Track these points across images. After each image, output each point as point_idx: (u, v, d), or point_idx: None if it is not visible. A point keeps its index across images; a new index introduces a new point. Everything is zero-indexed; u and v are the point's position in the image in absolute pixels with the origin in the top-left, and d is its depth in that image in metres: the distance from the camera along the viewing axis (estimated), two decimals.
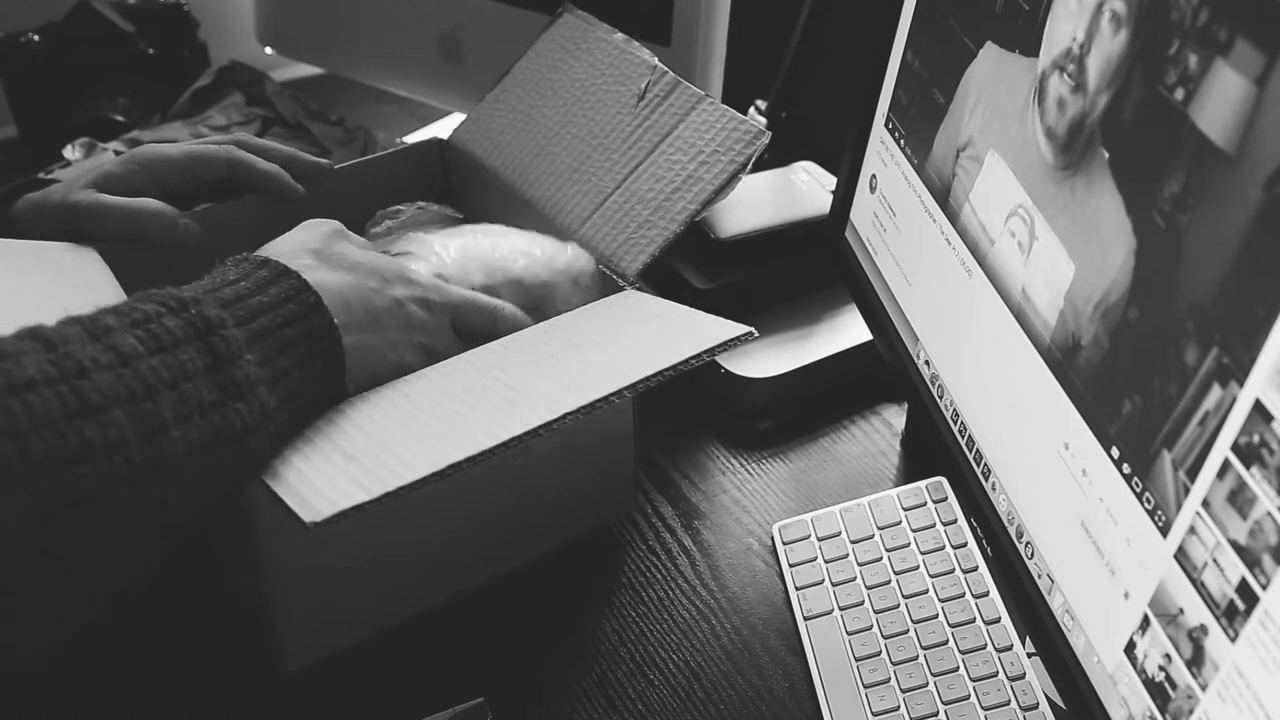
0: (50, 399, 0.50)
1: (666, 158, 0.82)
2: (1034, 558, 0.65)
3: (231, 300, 0.60)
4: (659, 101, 0.84)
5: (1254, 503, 0.47)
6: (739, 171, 0.80)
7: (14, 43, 1.15)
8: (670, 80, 0.85)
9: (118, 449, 0.51)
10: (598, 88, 0.88)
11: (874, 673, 0.73)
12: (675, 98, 0.84)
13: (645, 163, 0.83)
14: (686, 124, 0.82)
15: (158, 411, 0.53)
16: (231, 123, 1.08)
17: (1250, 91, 0.47)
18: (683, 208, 0.79)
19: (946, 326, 0.75)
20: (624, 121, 0.85)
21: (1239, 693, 0.48)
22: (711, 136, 0.81)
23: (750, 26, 1.02)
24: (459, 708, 0.71)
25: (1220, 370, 0.49)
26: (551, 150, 0.87)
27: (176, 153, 0.80)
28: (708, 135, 0.81)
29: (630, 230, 0.80)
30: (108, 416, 0.51)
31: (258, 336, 0.60)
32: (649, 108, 0.85)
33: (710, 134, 0.81)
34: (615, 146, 0.85)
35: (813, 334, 0.97)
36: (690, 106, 0.83)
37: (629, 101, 0.85)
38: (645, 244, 0.79)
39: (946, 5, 0.74)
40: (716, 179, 0.79)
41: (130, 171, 0.78)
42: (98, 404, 0.51)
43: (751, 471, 0.90)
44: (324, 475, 0.59)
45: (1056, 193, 0.61)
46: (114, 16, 1.17)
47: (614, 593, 0.80)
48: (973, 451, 0.72)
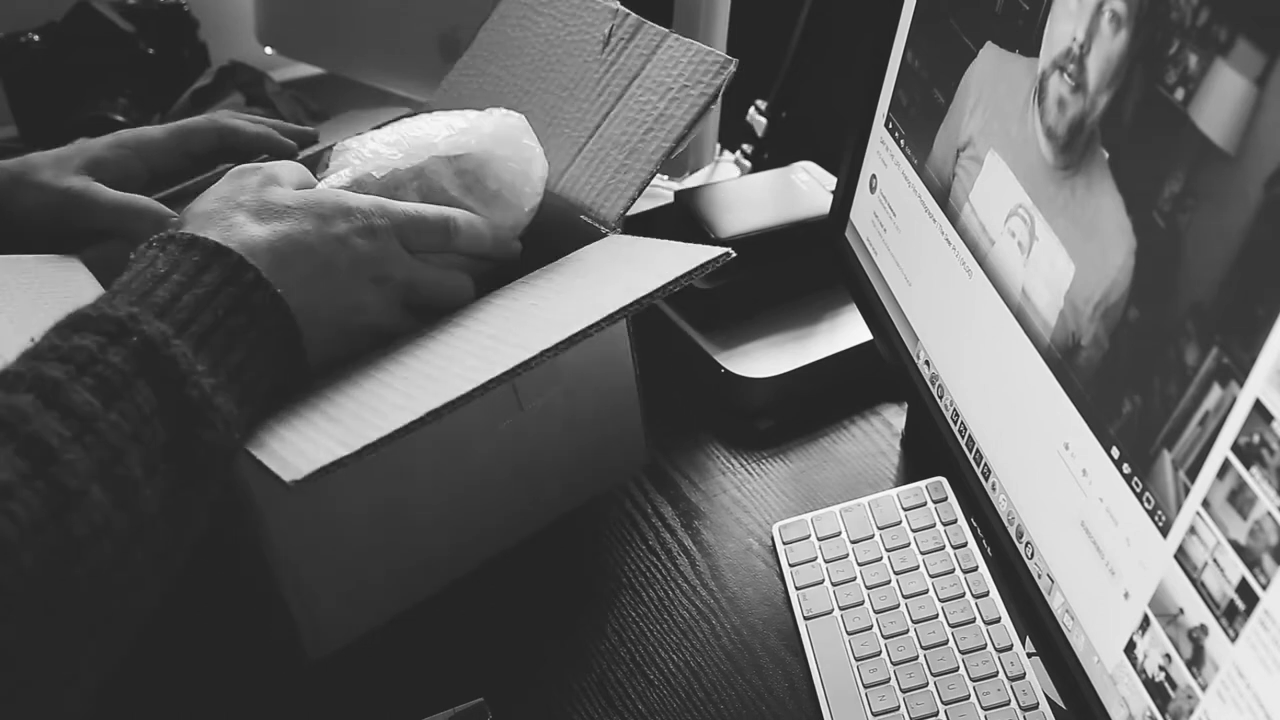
0: (32, 502, 0.47)
1: (636, 99, 0.81)
2: (1034, 558, 0.65)
3: (167, 304, 0.57)
4: (624, 45, 0.84)
5: (1254, 503, 0.47)
6: (709, 104, 0.79)
7: (14, 43, 1.15)
8: (634, 22, 0.84)
9: (103, 533, 0.49)
10: (563, 40, 0.87)
11: (874, 673, 0.73)
12: (640, 38, 0.83)
13: (616, 107, 0.82)
14: (653, 63, 0.82)
15: (129, 474, 0.51)
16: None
17: (1250, 91, 0.47)
18: (656, 147, 0.78)
19: (946, 326, 0.75)
20: (591, 69, 0.84)
21: (1239, 693, 0.48)
22: (680, 72, 0.80)
23: (750, 26, 1.02)
24: (459, 708, 0.71)
25: (1220, 370, 0.49)
26: (524, 107, 0.86)
27: (163, 133, 0.79)
28: (675, 71, 0.80)
29: (607, 177, 0.80)
30: (89, 500, 0.49)
31: (203, 339, 0.57)
32: (614, 52, 0.84)
33: (677, 70, 0.80)
34: (585, 95, 0.84)
35: (813, 334, 0.97)
36: (655, 45, 0.82)
37: (595, 49, 0.84)
38: (623, 188, 0.79)
39: (946, 5, 0.74)
40: (687, 114, 0.79)
41: (120, 156, 0.77)
42: (76, 489, 0.49)
43: (751, 471, 0.90)
44: (305, 437, 0.58)
45: (1056, 193, 0.61)
46: (114, 16, 1.17)
47: (614, 593, 0.80)
48: (973, 451, 0.72)
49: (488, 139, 0.74)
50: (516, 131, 0.76)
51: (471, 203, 0.73)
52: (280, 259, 0.62)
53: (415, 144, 0.73)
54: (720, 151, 1.18)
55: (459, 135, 0.74)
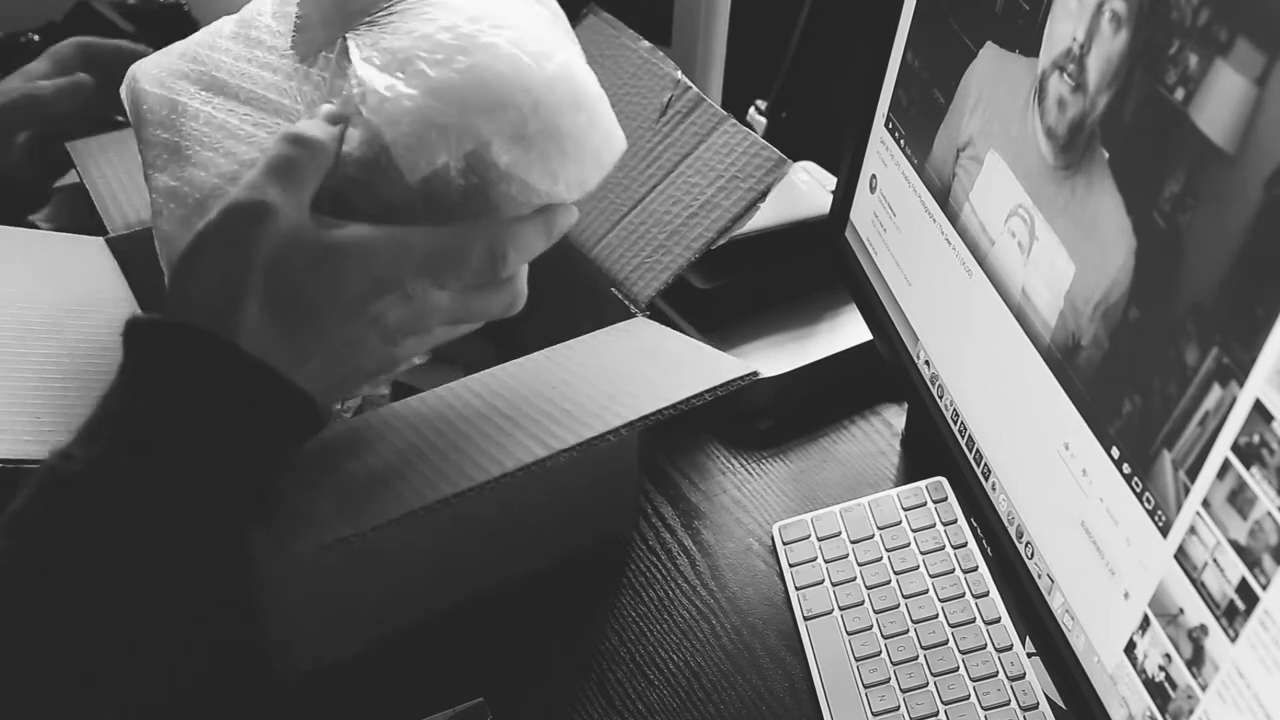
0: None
1: (685, 179, 0.80)
2: (1034, 558, 0.65)
3: (184, 450, 0.52)
4: (680, 119, 0.82)
5: (1254, 503, 0.47)
6: (758, 200, 0.77)
7: (14, 43, 1.15)
8: (693, 96, 0.83)
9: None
10: (619, 98, 0.83)
11: (874, 673, 0.73)
12: (697, 116, 0.82)
13: (663, 183, 0.81)
14: (707, 145, 0.80)
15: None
16: None
17: (1250, 91, 0.47)
18: (699, 234, 0.77)
19: (946, 326, 0.75)
20: (644, 137, 0.83)
21: (1239, 693, 0.48)
22: (732, 161, 0.79)
23: (750, 26, 1.02)
24: (459, 708, 0.71)
25: (1220, 370, 0.49)
26: None
27: (38, 63, 0.89)
28: (728, 159, 0.79)
29: (645, 254, 0.78)
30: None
31: (223, 468, 0.53)
32: (670, 124, 0.82)
33: (731, 158, 0.79)
34: (634, 164, 0.82)
35: (813, 334, 0.97)
36: (712, 127, 0.81)
37: (650, 116, 0.82)
38: (659, 270, 0.78)
39: (946, 5, 0.74)
40: (734, 206, 0.77)
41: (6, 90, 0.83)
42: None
43: (751, 471, 0.90)
44: (315, 505, 0.58)
45: (1056, 193, 0.61)
46: (114, 16, 1.17)
47: (614, 593, 0.80)
48: (973, 451, 0.72)
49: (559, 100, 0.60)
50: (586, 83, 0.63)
51: (526, 164, 0.60)
52: (300, 354, 0.55)
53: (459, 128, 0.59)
54: None
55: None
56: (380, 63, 0.59)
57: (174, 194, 0.63)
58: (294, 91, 0.63)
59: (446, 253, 0.57)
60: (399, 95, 0.58)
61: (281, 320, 0.54)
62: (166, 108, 0.66)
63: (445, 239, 0.58)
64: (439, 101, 0.57)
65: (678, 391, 0.65)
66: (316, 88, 0.63)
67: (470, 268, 0.58)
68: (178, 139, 0.65)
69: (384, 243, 0.56)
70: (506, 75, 0.58)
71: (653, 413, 0.64)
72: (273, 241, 0.54)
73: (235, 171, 0.62)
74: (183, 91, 0.66)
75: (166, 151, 0.65)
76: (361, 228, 0.57)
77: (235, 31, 0.68)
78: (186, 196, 0.62)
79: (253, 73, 0.65)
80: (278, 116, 0.63)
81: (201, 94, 0.66)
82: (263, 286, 0.54)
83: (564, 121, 0.59)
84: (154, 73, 0.68)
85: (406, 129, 0.57)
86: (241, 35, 0.67)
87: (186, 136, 0.65)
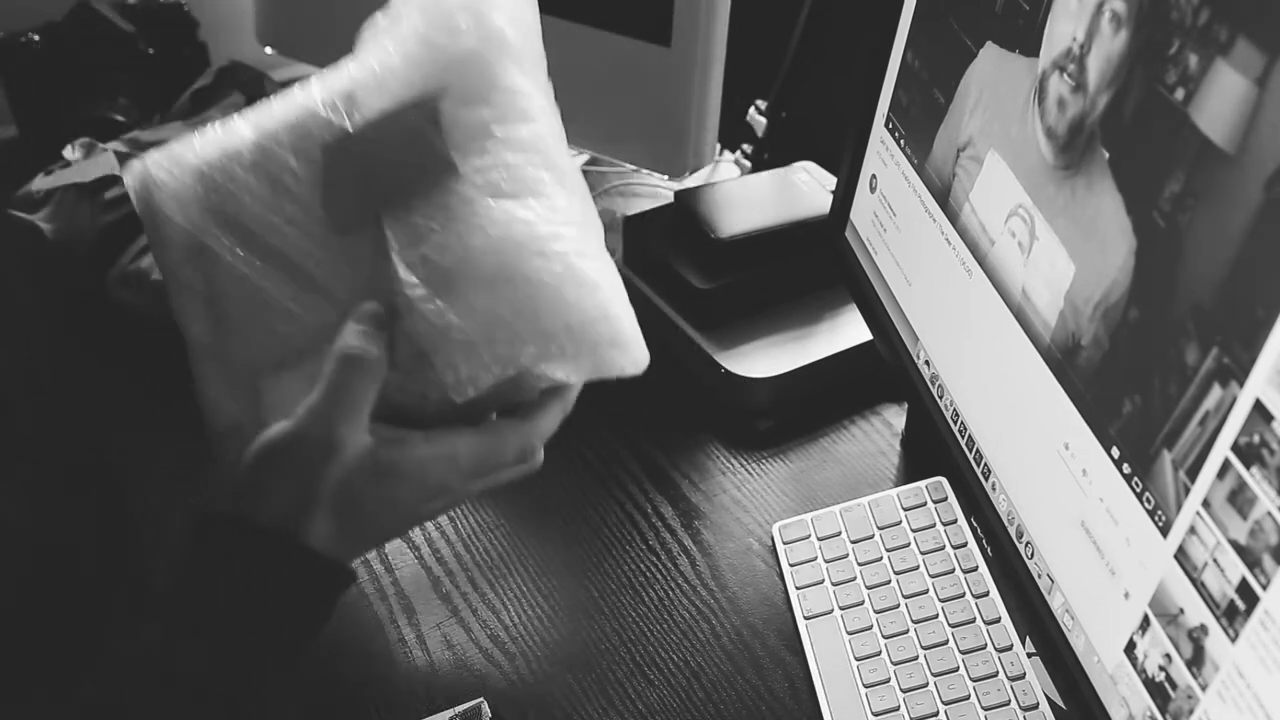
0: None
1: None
2: (1034, 558, 0.65)
3: (249, 631, 0.59)
4: None
5: (1254, 503, 0.47)
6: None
7: (14, 43, 1.15)
8: None
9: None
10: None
11: (874, 673, 0.73)
12: None
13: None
14: None
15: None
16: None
17: (1250, 91, 0.47)
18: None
19: (946, 326, 0.75)
20: None
21: (1239, 693, 0.48)
22: None
23: (750, 26, 1.02)
24: (459, 708, 0.71)
25: (1220, 370, 0.49)
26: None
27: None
28: None
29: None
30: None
31: (280, 641, 0.60)
32: None
33: None
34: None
35: (813, 334, 0.97)
36: None
37: None
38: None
39: (946, 5, 0.74)
40: None
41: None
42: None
43: (751, 471, 0.90)
44: None
45: (1056, 193, 0.61)
46: (114, 16, 1.17)
47: (614, 593, 0.80)
48: (973, 451, 0.72)
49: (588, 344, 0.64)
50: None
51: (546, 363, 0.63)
52: (356, 547, 0.63)
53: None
54: (720, 151, 1.18)
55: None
56: (423, 274, 0.61)
57: (217, 356, 0.65)
58: (331, 267, 0.64)
59: (487, 456, 0.63)
60: (448, 325, 0.60)
61: (343, 525, 0.60)
62: (194, 248, 0.66)
63: (486, 444, 0.63)
64: (488, 335, 0.60)
65: None
66: (354, 268, 0.64)
67: (507, 463, 0.64)
68: (210, 291, 0.66)
69: (436, 459, 0.62)
70: (552, 312, 0.61)
71: None
72: (339, 469, 0.60)
73: (280, 358, 0.64)
74: (207, 233, 0.66)
75: (200, 302, 0.66)
76: (415, 444, 0.62)
77: (255, 162, 0.66)
78: (232, 367, 0.65)
79: (282, 228, 0.65)
80: (315, 295, 0.64)
81: (229, 240, 0.65)
82: (329, 503, 0.60)
83: (599, 354, 0.63)
84: (171, 188, 0.67)
85: (454, 358, 0.60)
86: (262, 168, 0.66)
87: (222, 295, 0.65)
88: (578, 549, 0.83)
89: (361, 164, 0.65)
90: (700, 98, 1.00)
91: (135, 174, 0.67)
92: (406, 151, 0.64)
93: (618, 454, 0.90)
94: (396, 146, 0.64)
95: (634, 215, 1.03)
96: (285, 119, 0.67)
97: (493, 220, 0.62)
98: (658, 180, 1.18)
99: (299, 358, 0.64)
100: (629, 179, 1.20)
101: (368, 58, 0.69)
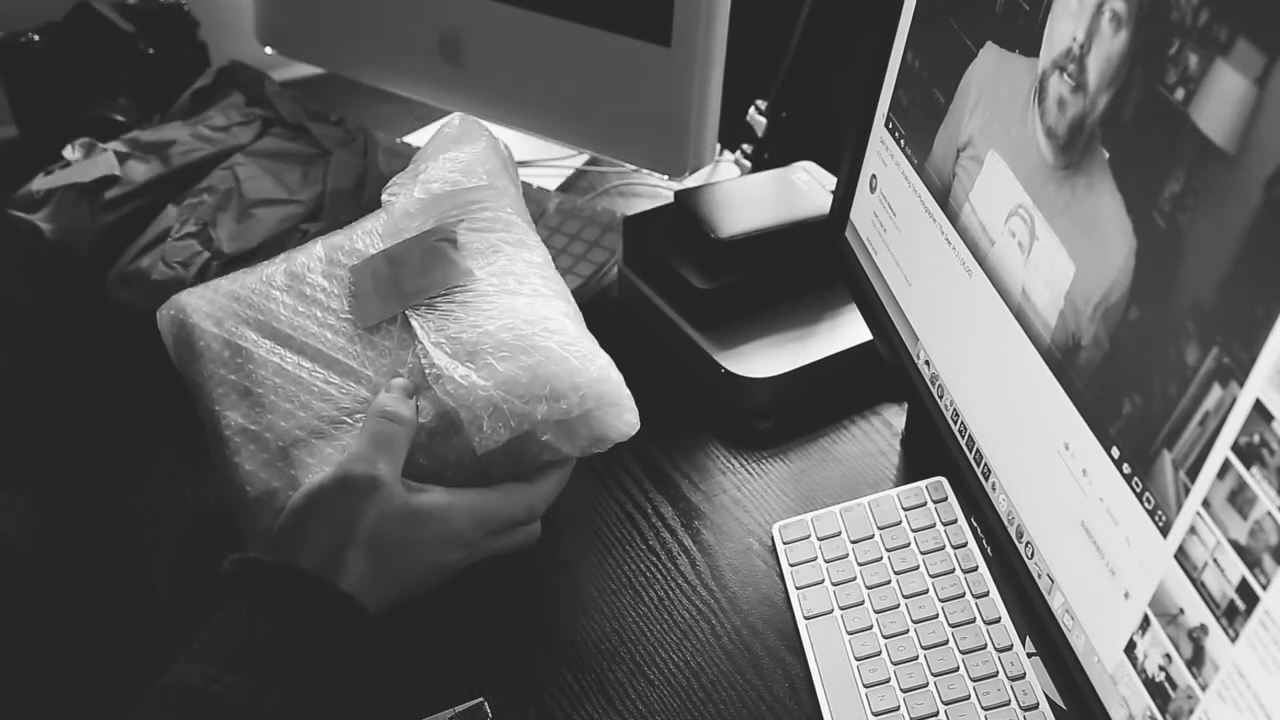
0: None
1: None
2: (1034, 558, 0.65)
3: (290, 671, 0.63)
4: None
5: (1254, 503, 0.47)
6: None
7: (14, 43, 1.15)
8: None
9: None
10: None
11: (874, 673, 0.73)
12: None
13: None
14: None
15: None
16: (231, 123, 1.08)
17: (1250, 91, 0.47)
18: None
19: (946, 326, 0.75)
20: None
21: (1239, 693, 0.48)
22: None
23: (750, 26, 1.02)
24: (459, 708, 0.71)
25: (1220, 370, 0.49)
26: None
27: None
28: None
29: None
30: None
31: (312, 684, 0.64)
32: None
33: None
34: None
35: (813, 334, 0.97)
36: None
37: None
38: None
39: (946, 5, 0.74)
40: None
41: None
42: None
43: (751, 471, 0.90)
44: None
45: (1057, 193, 0.61)
46: (114, 16, 1.17)
47: (614, 593, 0.80)
48: (973, 451, 0.72)
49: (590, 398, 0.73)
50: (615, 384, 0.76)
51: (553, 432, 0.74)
52: (384, 593, 0.68)
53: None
54: (720, 151, 1.18)
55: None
56: (450, 350, 0.73)
57: (254, 437, 0.73)
58: (360, 356, 0.75)
59: (499, 512, 0.72)
60: (474, 385, 0.71)
61: (374, 567, 0.67)
62: (229, 350, 0.76)
63: (498, 502, 0.72)
64: (508, 393, 0.71)
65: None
66: (381, 355, 0.75)
67: (515, 520, 0.74)
68: (247, 383, 0.75)
69: (457, 506, 0.70)
70: (562, 375, 0.72)
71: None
72: (378, 508, 0.67)
73: (317, 427, 0.73)
74: (243, 337, 0.76)
75: (235, 392, 0.75)
76: (439, 494, 0.70)
77: (287, 285, 0.78)
78: (269, 442, 0.73)
79: (314, 330, 0.76)
80: (348, 378, 0.75)
81: (265, 342, 0.76)
82: (365, 542, 0.67)
83: (600, 413, 0.74)
84: (205, 309, 0.77)
85: (479, 412, 0.71)
86: (294, 290, 0.78)
87: (259, 384, 0.75)
88: (578, 549, 0.83)
89: (386, 276, 0.77)
90: (700, 98, 1.00)
91: (172, 304, 0.79)
92: (427, 264, 0.77)
93: (618, 454, 0.89)
94: (418, 261, 0.77)
95: (634, 215, 1.03)
96: (315, 253, 0.80)
97: (506, 308, 0.75)
98: (658, 180, 1.18)
99: (334, 427, 0.73)
100: (629, 179, 1.20)
101: (394, 204, 0.82)
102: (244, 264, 0.87)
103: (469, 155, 0.84)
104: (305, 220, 0.99)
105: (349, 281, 0.78)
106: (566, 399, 0.72)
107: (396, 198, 0.83)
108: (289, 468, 0.72)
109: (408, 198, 0.81)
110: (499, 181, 0.83)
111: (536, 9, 1.06)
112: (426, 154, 0.86)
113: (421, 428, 0.72)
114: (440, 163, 0.84)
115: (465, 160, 0.83)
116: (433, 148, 0.86)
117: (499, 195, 0.82)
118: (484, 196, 0.81)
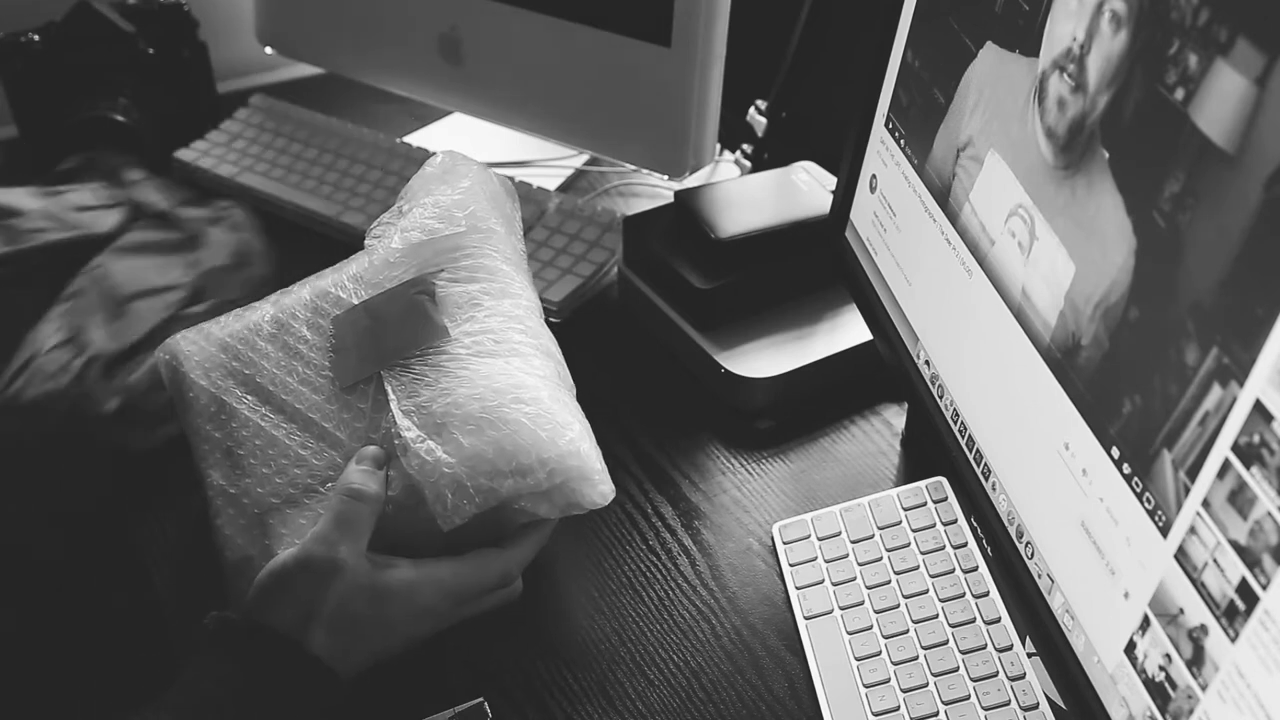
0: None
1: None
2: (1034, 558, 0.65)
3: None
4: None
5: (1254, 503, 0.47)
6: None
7: (14, 43, 1.15)
8: None
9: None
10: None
11: (874, 673, 0.73)
12: None
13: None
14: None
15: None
16: (99, 203, 1.02)
17: (1250, 91, 0.47)
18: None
19: (946, 326, 0.75)
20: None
21: (1239, 693, 0.48)
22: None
23: (750, 26, 1.02)
24: (459, 708, 0.71)
25: (1220, 370, 0.49)
26: None
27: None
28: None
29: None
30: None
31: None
32: None
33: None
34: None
35: (813, 334, 0.97)
36: None
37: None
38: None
39: (946, 5, 0.74)
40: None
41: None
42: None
43: (751, 471, 0.90)
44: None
45: (1056, 193, 0.61)
46: (114, 16, 1.17)
47: (614, 593, 0.80)
48: (973, 451, 0.72)
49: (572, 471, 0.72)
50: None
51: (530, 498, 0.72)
52: (353, 662, 0.68)
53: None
54: (720, 151, 1.18)
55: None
56: (419, 421, 0.72)
57: (232, 500, 0.74)
58: (336, 417, 0.75)
59: (470, 582, 0.71)
60: (438, 461, 0.70)
61: (340, 640, 0.67)
62: (215, 405, 0.77)
63: (469, 572, 0.71)
64: (473, 470, 0.69)
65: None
66: (356, 418, 0.75)
67: (488, 588, 0.72)
68: (230, 443, 0.76)
69: (424, 582, 0.69)
70: (529, 449, 0.70)
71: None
72: (341, 589, 0.67)
73: (291, 495, 0.74)
74: (229, 392, 0.77)
75: (219, 451, 0.76)
76: (406, 569, 0.69)
77: (273, 334, 0.79)
78: (247, 508, 0.74)
79: (295, 386, 0.77)
80: (323, 441, 0.75)
81: (248, 399, 0.77)
82: (328, 618, 0.66)
83: (571, 485, 0.72)
84: (197, 358, 0.79)
85: (443, 489, 0.69)
86: (279, 340, 0.79)
87: (240, 444, 0.76)
88: (578, 549, 0.83)
89: (366, 332, 0.77)
90: (700, 98, 1.00)
91: (167, 348, 0.80)
92: (406, 321, 0.76)
93: (618, 454, 0.89)
94: (397, 317, 0.77)
95: (634, 215, 1.03)
96: (301, 298, 0.81)
97: (478, 373, 0.73)
98: (658, 180, 1.18)
99: (306, 496, 0.73)
100: (629, 179, 1.20)
101: (376, 249, 0.82)
102: (127, 362, 0.87)
103: (449, 199, 0.83)
104: (189, 304, 0.94)
105: (330, 335, 0.78)
106: (533, 474, 0.70)
107: (379, 240, 0.82)
108: (264, 536, 0.72)
109: (386, 247, 0.81)
110: (484, 223, 0.82)
111: (536, 9, 1.06)
112: (410, 193, 0.85)
113: (390, 499, 0.71)
114: (422, 208, 0.83)
115: (446, 204, 0.82)
116: (417, 186, 0.86)
117: (483, 239, 0.81)
118: (465, 243, 0.80)
